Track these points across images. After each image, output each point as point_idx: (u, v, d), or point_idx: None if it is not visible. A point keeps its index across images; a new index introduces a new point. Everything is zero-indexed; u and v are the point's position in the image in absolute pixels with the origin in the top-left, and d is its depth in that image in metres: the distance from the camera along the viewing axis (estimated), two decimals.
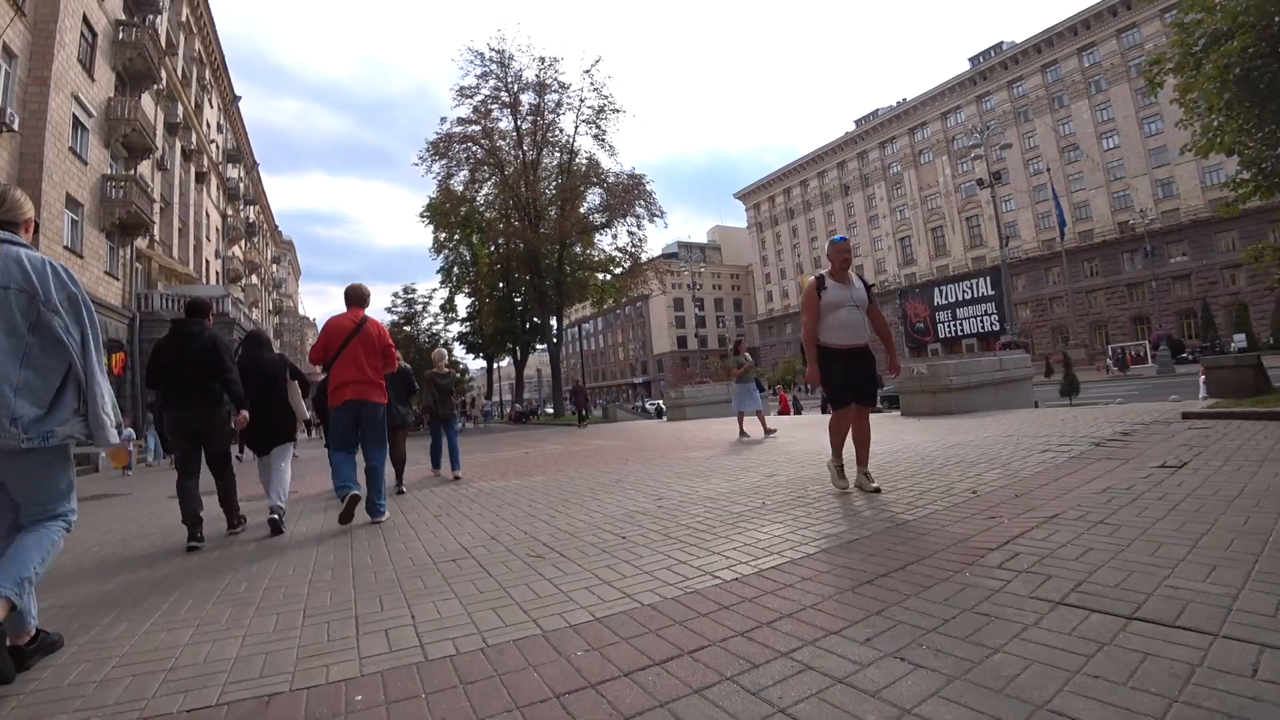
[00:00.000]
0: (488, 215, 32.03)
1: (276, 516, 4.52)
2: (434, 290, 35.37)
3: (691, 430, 12.97)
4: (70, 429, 2.06)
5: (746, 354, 10.41)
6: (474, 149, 29.67)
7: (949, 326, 58.27)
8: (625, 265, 31.48)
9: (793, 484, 4.79)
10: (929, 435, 7.36)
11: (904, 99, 70.02)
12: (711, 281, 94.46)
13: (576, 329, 35.14)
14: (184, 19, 29.95)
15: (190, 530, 4.25)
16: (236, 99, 39.43)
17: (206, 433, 4.36)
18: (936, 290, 59.93)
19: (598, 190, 30.88)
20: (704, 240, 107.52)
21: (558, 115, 30.25)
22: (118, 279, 21.68)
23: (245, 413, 4.37)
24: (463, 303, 35.66)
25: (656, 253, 33.51)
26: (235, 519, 4.68)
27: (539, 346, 38.30)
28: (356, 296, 4.79)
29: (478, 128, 29.36)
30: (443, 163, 29.38)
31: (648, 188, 30.28)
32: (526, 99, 29.92)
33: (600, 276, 32.94)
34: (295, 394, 5.12)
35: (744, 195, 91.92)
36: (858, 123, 75.36)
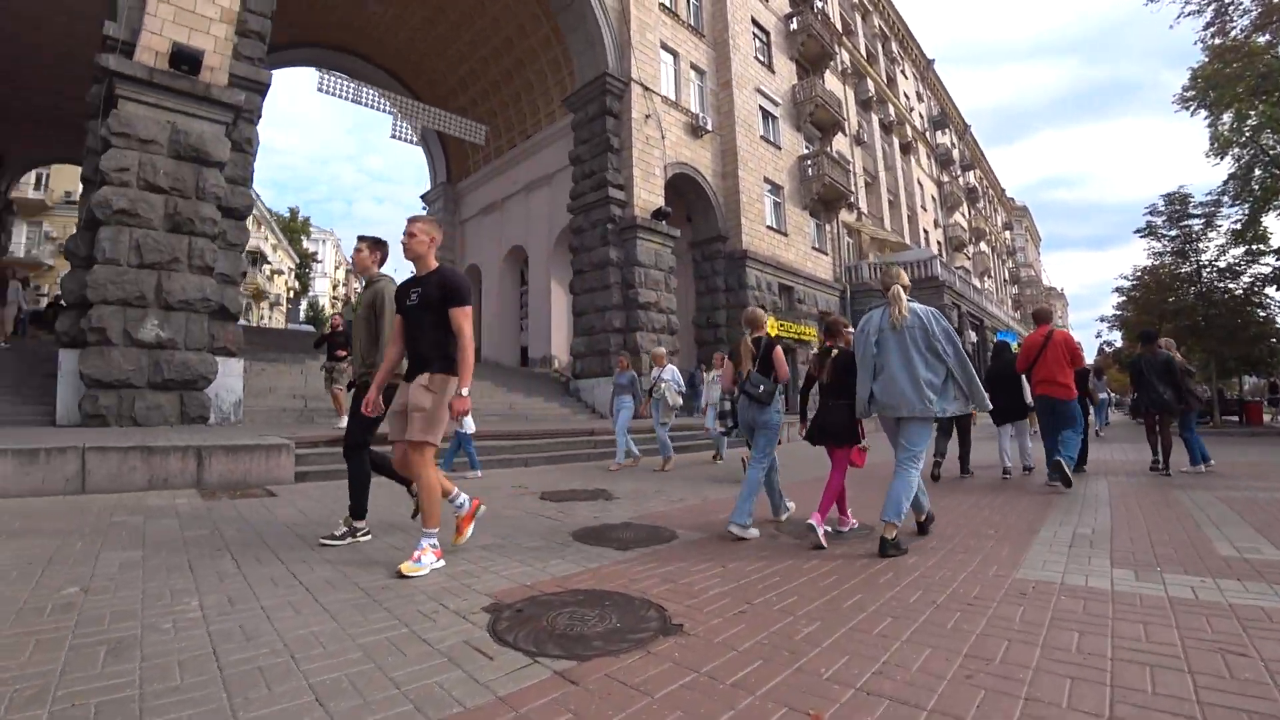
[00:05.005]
0: None
1: (1027, 470, 7.18)
2: (1219, 197, 19.08)
3: None
4: (954, 406, 3.59)
5: None
6: None
7: None
8: None
9: None
10: None
11: None
12: None
13: None
14: (855, 1, 29.57)
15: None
16: (930, 62, 36.86)
17: None
18: None
19: None
20: None
21: None
22: (826, 253, 21.25)
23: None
24: (1274, 225, 19.20)
25: None
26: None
27: None
28: (1042, 316, 6.51)
29: None
30: (1214, 6, 16.75)
31: None
32: None
33: None
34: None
35: None
36: None
